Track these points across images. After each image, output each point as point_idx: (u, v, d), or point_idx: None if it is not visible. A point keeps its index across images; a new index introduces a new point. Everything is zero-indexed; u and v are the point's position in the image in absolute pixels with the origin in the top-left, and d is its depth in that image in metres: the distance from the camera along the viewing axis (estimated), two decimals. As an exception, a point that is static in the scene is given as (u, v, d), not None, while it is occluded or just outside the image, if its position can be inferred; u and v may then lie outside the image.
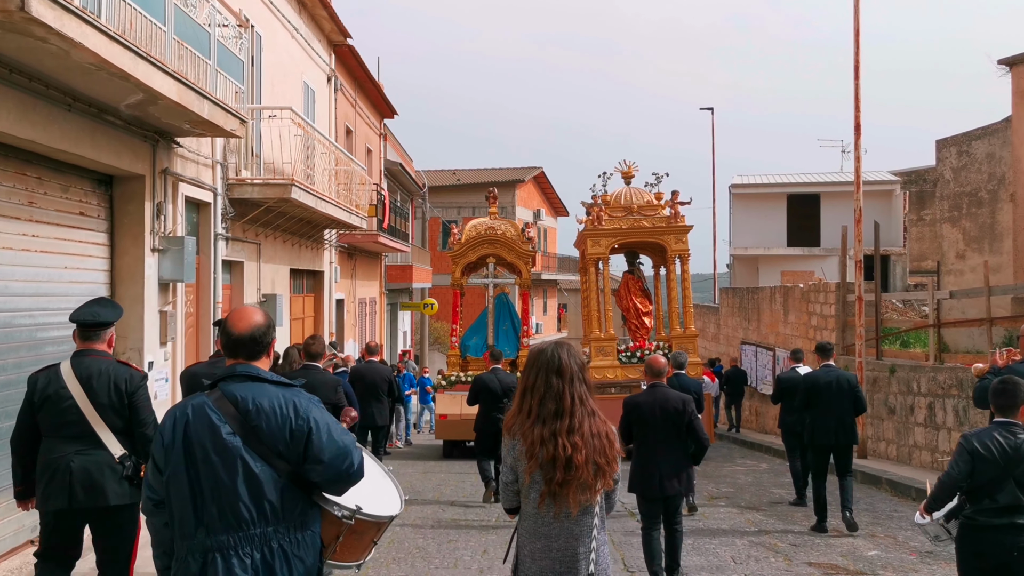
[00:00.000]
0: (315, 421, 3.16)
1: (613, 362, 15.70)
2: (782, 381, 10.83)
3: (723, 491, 11.90)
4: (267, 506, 3.07)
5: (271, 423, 3.10)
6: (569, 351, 3.60)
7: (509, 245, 16.79)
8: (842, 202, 30.91)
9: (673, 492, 6.80)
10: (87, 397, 4.80)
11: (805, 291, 18.07)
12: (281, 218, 13.14)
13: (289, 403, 3.15)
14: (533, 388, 3.52)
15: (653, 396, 6.91)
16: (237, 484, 3.05)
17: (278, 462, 3.10)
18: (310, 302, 17.43)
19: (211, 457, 3.07)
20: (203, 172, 10.70)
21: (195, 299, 10.79)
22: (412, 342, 33.16)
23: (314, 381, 7.69)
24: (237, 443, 3.07)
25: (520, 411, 3.54)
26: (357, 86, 21.27)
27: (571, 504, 3.39)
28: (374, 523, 3.57)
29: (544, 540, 3.43)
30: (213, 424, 3.09)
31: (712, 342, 26.85)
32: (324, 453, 3.13)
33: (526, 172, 44.48)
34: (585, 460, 3.39)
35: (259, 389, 3.16)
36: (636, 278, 17.05)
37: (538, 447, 3.41)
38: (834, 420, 8.89)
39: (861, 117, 14.22)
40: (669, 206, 16.09)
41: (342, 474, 3.20)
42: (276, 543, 3.08)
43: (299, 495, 3.16)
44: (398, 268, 26.90)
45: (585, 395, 3.52)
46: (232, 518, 3.05)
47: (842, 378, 9.10)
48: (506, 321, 17.48)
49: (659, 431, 6.77)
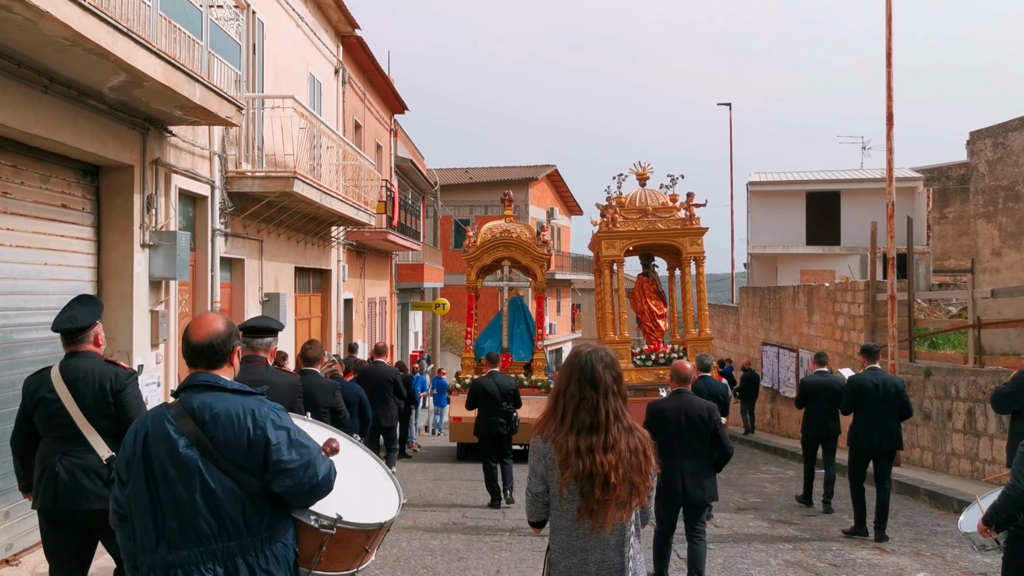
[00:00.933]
0: (274, 430, 3.03)
1: (628, 365, 15.52)
2: (807, 385, 10.57)
3: (750, 501, 11.22)
4: (227, 520, 2.97)
5: (228, 433, 2.99)
6: (604, 359, 3.40)
7: (524, 248, 16.65)
8: (863, 200, 30.32)
9: (697, 500, 6.65)
10: (73, 399, 4.78)
11: (831, 290, 17.35)
12: (284, 214, 12.54)
13: (248, 412, 3.03)
14: (567, 393, 3.37)
15: (678, 402, 6.74)
16: (195, 499, 2.96)
17: (239, 473, 2.99)
18: (317, 302, 16.83)
19: (168, 471, 2.98)
20: (199, 164, 10.11)
21: (191, 298, 10.20)
22: (424, 343, 32.55)
23: (311, 385, 7.72)
24: (194, 455, 2.97)
25: (554, 415, 3.39)
26: (366, 79, 20.67)
27: (607, 522, 3.26)
28: (361, 532, 3.37)
29: (580, 554, 3.32)
30: (170, 437, 2.99)
31: (731, 343, 26.12)
32: (283, 463, 3.01)
33: (539, 170, 43.81)
34: (622, 479, 3.26)
35: (218, 398, 3.05)
36: (651, 280, 16.98)
37: (573, 458, 3.27)
38: (879, 424, 8.66)
39: (893, 106, 13.52)
40: (684, 208, 16.00)
41: (304, 486, 3.06)
42: (240, 558, 2.99)
43: (265, 507, 3.04)
44: (409, 267, 26.29)
45: (621, 409, 3.37)
46: (192, 533, 2.96)
47: (889, 382, 8.81)
48: (521, 324, 17.36)
49: (683, 438, 6.61)
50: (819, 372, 10.68)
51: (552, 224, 45.59)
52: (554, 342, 43.25)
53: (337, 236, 17.12)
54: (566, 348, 50.19)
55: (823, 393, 10.30)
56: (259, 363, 5.55)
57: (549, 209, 45.37)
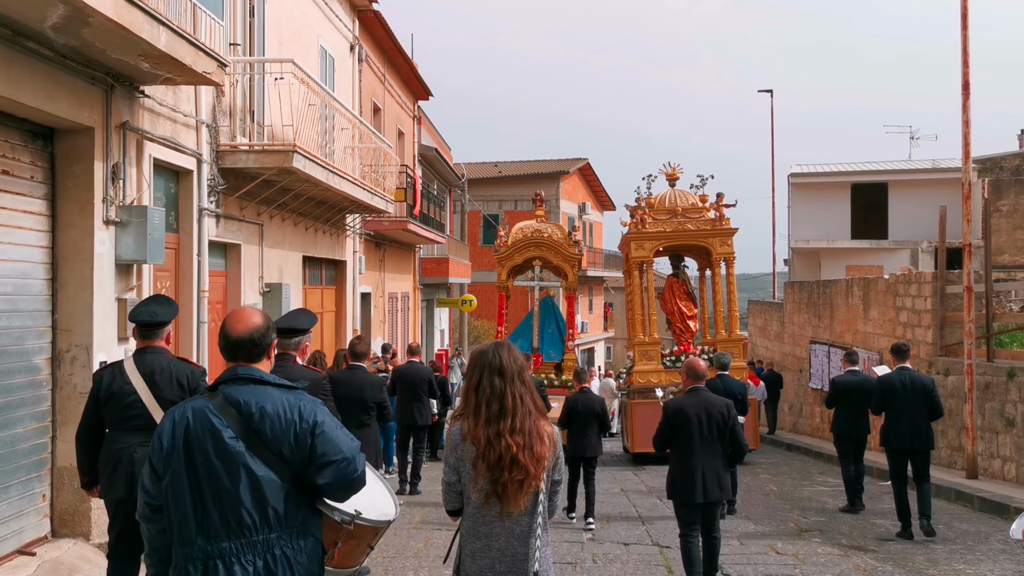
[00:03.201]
0: (321, 424, 3.07)
1: (657, 366, 15.47)
2: (838, 384, 10.40)
3: (812, 520, 9.79)
4: (271, 512, 3.00)
5: (275, 427, 3.02)
6: (510, 350, 3.60)
7: (556, 248, 16.52)
8: (913, 191, 28.78)
9: (715, 498, 6.66)
10: (150, 392, 5.05)
11: (892, 283, 15.81)
12: (287, 195, 11.31)
13: (294, 407, 3.07)
14: (478, 388, 3.53)
15: (697, 400, 6.73)
16: (240, 490, 2.97)
17: (282, 467, 3.02)
18: (331, 295, 15.60)
19: (213, 462, 2.99)
20: (183, 133, 8.89)
21: (173, 286, 8.98)
22: (450, 341, 31.30)
23: (360, 380, 8.17)
24: (240, 448, 2.99)
25: (465, 412, 3.54)
26: (386, 60, 19.43)
27: (514, 504, 3.39)
28: (371, 528, 3.48)
29: (484, 539, 3.43)
30: (215, 428, 3.01)
31: (775, 341, 24.56)
32: (329, 457, 3.05)
33: (571, 164, 42.40)
34: (527, 459, 3.39)
35: (261, 392, 3.08)
36: (681, 281, 16.91)
37: (486, 447, 3.41)
38: (908, 424, 8.69)
39: (970, 74, 12.03)
40: (714, 208, 15.96)
41: (347, 479, 3.11)
42: (279, 550, 3.01)
43: (302, 501, 3.08)
44: (434, 261, 25.03)
45: (524, 394, 3.51)
46: (235, 524, 2.97)
47: (918, 381, 8.83)
48: (551, 324, 17.28)
49: (703, 436, 6.63)
50: (851, 371, 10.51)
51: (584, 219, 44.16)
52: (586, 341, 41.85)
53: (353, 224, 15.89)
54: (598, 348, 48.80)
55: (855, 392, 10.08)
56: (288, 361, 5.81)
57: (581, 204, 43.95)
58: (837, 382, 10.49)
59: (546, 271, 17.56)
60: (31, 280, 6.90)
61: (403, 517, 9.79)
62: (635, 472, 14.57)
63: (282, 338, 5.73)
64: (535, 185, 40.76)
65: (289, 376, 5.33)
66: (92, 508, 7.12)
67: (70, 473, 7.08)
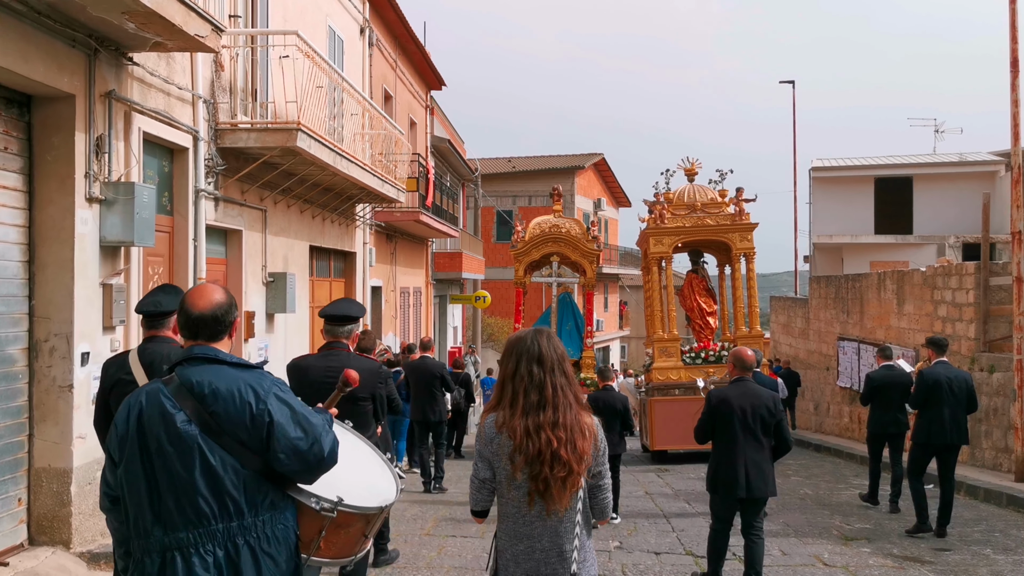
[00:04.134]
0: (277, 404, 2.84)
1: (677, 363, 15.30)
2: (874, 380, 10.19)
3: (857, 528, 9.04)
4: (228, 500, 2.76)
5: (230, 408, 2.78)
6: (549, 338, 3.35)
7: (574, 244, 16.32)
8: (939, 185, 28.00)
9: (759, 494, 6.33)
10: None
11: (929, 275, 15.03)
12: (291, 180, 10.66)
13: (249, 386, 2.82)
14: (515, 377, 3.26)
15: (743, 391, 6.40)
16: (195, 477, 2.75)
17: (241, 451, 2.79)
18: (339, 287, 14.95)
19: (166, 448, 2.77)
20: (177, 107, 8.24)
21: (167, 272, 8.33)
22: (464, 338, 30.63)
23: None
24: (193, 432, 2.77)
25: (503, 401, 3.28)
26: (398, 46, 18.77)
27: (558, 502, 3.16)
28: (360, 515, 3.13)
29: (527, 541, 3.21)
30: (167, 412, 2.79)
31: (799, 338, 23.77)
32: (287, 439, 2.81)
33: (586, 159, 41.68)
34: (570, 455, 3.15)
35: (217, 372, 2.84)
36: (700, 277, 16.66)
37: (524, 440, 3.15)
38: (950, 419, 8.53)
39: (1019, 50, 11.25)
40: (733, 203, 15.73)
41: (310, 460, 2.85)
42: (241, 539, 2.78)
43: (267, 486, 2.83)
44: (446, 256, 24.34)
45: (565, 385, 3.27)
46: (192, 513, 2.75)
47: (959, 376, 8.72)
48: (569, 321, 17.02)
49: (748, 429, 6.32)
50: (885, 366, 10.30)
51: (599, 216, 43.41)
52: (601, 340, 41.08)
53: (363, 214, 15.24)
54: (614, 347, 48.03)
55: (892, 388, 9.93)
56: (341, 349, 5.56)
57: (596, 200, 43.22)
58: (872, 378, 10.29)
59: (564, 267, 17.33)
60: (5, 262, 6.27)
61: (415, 522, 9.12)
62: (658, 473, 13.87)
63: (334, 326, 5.60)
64: (549, 180, 40.02)
65: (345, 364, 5.23)
66: (73, 513, 6.48)
67: (49, 475, 6.45)
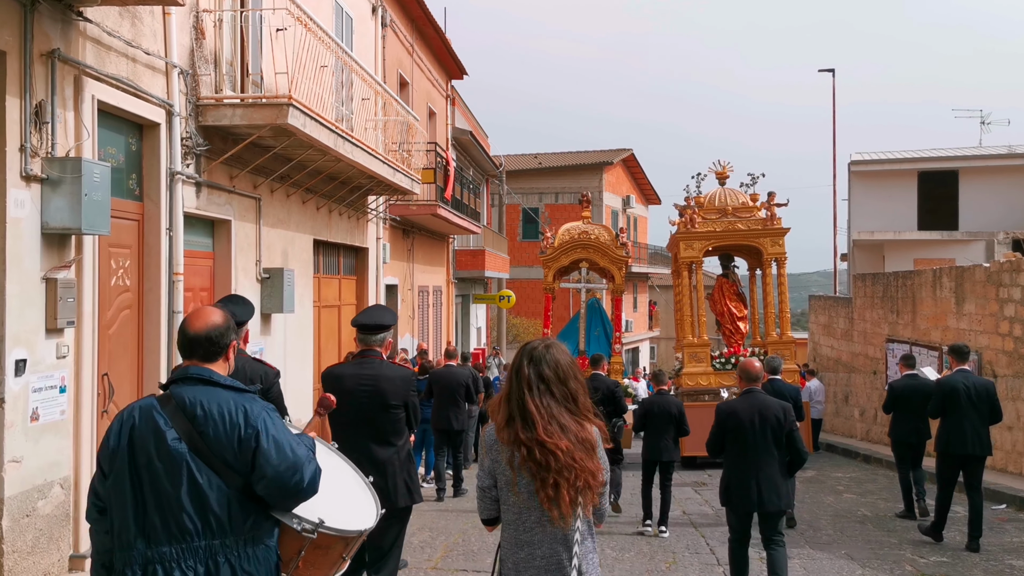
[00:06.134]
0: (265, 430, 2.91)
1: (707, 368, 15.29)
2: (895, 389, 10.19)
3: (934, 562, 7.80)
4: (212, 518, 2.85)
5: (219, 430, 2.87)
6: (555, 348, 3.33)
7: (602, 250, 16.37)
8: (986, 179, 26.60)
9: (772, 508, 6.26)
10: None
11: (994, 271, 13.67)
12: (288, 165, 9.59)
13: (240, 409, 2.91)
14: (511, 388, 3.30)
15: (750, 403, 6.38)
16: (181, 494, 2.83)
17: (227, 472, 2.87)
18: (350, 286, 13.88)
19: (155, 464, 2.84)
20: (146, 77, 7.17)
21: (136, 267, 7.26)
22: (488, 339, 29.51)
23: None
24: (183, 450, 2.85)
25: (500, 410, 3.31)
26: (414, 29, 17.69)
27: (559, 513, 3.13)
28: (339, 538, 3.19)
29: (528, 548, 3.22)
30: (159, 429, 2.87)
31: (842, 340, 22.38)
32: (271, 465, 2.88)
33: (614, 154, 40.39)
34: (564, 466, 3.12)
35: (211, 393, 2.93)
36: (731, 282, 16.63)
37: (515, 450, 3.19)
38: (970, 429, 8.36)
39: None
40: (765, 208, 15.71)
41: (289, 489, 2.92)
42: (223, 557, 2.86)
43: (251, 507, 2.91)
44: (468, 253, 23.24)
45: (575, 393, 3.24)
46: (175, 529, 2.84)
47: (980, 385, 8.56)
48: (597, 327, 17.10)
49: (757, 440, 6.27)
50: (908, 375, 10.27)
51: (628, 213, 42.14)
52: (631, 341, 39.80)
53: (376, 207, 14.17)
54: (643, 348, 46.67)
55: (914, 397, 9.80)
56: (375, 357, 5.54)
57: (625, 197, 41.93)
58: (894, 387, 10.30)
59: (592, 272, 17.36)
60: (-79, 252, 5.23)
61: (422, 551, 8.02)
62: (695, 488, 12.68)
63: (367, 335, 5.54)
64: (577, 177, 38.87)
65: (379, 372, 5.38)
66: (6, 552, 5.44)
67: (-24, 506, 5.40)
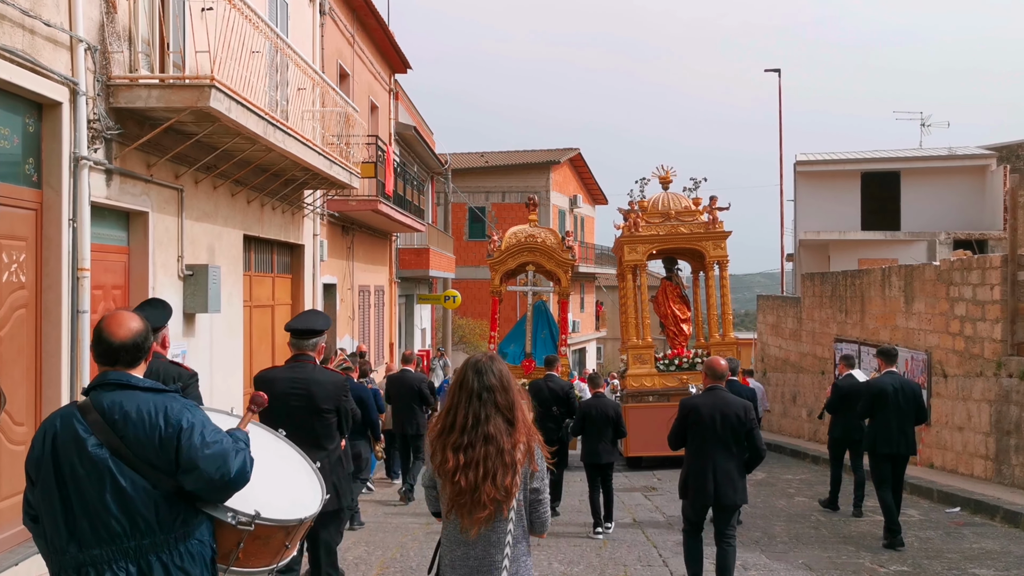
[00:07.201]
0: (186, 427, 2.95)
1: (651, 370, 15.48)
2: (841, 389, 10.39)
3: (895, 571, 7.46)
4: (139, 519, 2.89)
5: (139, 432, 2.91)
6: (492, 362, 3.43)
7: (549, 253, 16.45)
8: (927, 180, 26.96)
9: (728, 501, 6.42)
10: None
11: (944, 270, 13.52)
12: (214, 153, 8.91)
13: (159, 410, 2.94)
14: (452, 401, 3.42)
15: (713, 400, 6.50)
16: (105, 498, 2.86)
17: (152, 472, 2.90)
18: (284, 285, 13.19)
19: (78, 470, 2.89)
20: (46, 51, 6.48)
21: (32, 261, 6.55)
22: (433, 341, 28.89)
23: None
24: (104, 455, 2.88)
25: (438, 422, 3.45)
26: (356, 20, 17.03)
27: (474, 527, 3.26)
28: (280, 527, 3.24)
29: (463, 547, 3.33)
30: (79, 436, 2.90)
31: (791, 340, 22.27)
32: (195, 461, 2.92)
33: (561, 154, 40.05)
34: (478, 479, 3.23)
35: (129, 396, 2.95)
36: (674, 284, 16.89)
37: (441, 457, 3.34)
38: (897, 429, 8.63)
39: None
40: (707, 211, 16.03)
41: (216, 482, 2.96)
42: (154, 556, 2.91)
43: (179, 505, 2.96)
44: (412, 252, 22.62)
45: (492, 413, 3.32)
46: (104, 532, 2.88)
47: (907, 386, 8.80)
48: (544, 329, 17.23)
49: (717, 437, 6.40)
50: (848, 375, 10.58)
51: (575, 213, 41.86)
52: (578, 341, 39.51)
53: (312, 202, 13.51)
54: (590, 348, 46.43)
55: (856, 396, 9.78)
56: (307, 362, 5.45)
57: (572, 197, 41.64)
58: (840, 387, 10.50)
59: (538, 275, 17.38)
60: None
61: (357, 568, 7.44)
62: (645, 494, 12.30)
63: (300, 339, 5.46)
64: (524, 176, 38.43)
65: (310, 377, 5.34)
66: None
67: None
